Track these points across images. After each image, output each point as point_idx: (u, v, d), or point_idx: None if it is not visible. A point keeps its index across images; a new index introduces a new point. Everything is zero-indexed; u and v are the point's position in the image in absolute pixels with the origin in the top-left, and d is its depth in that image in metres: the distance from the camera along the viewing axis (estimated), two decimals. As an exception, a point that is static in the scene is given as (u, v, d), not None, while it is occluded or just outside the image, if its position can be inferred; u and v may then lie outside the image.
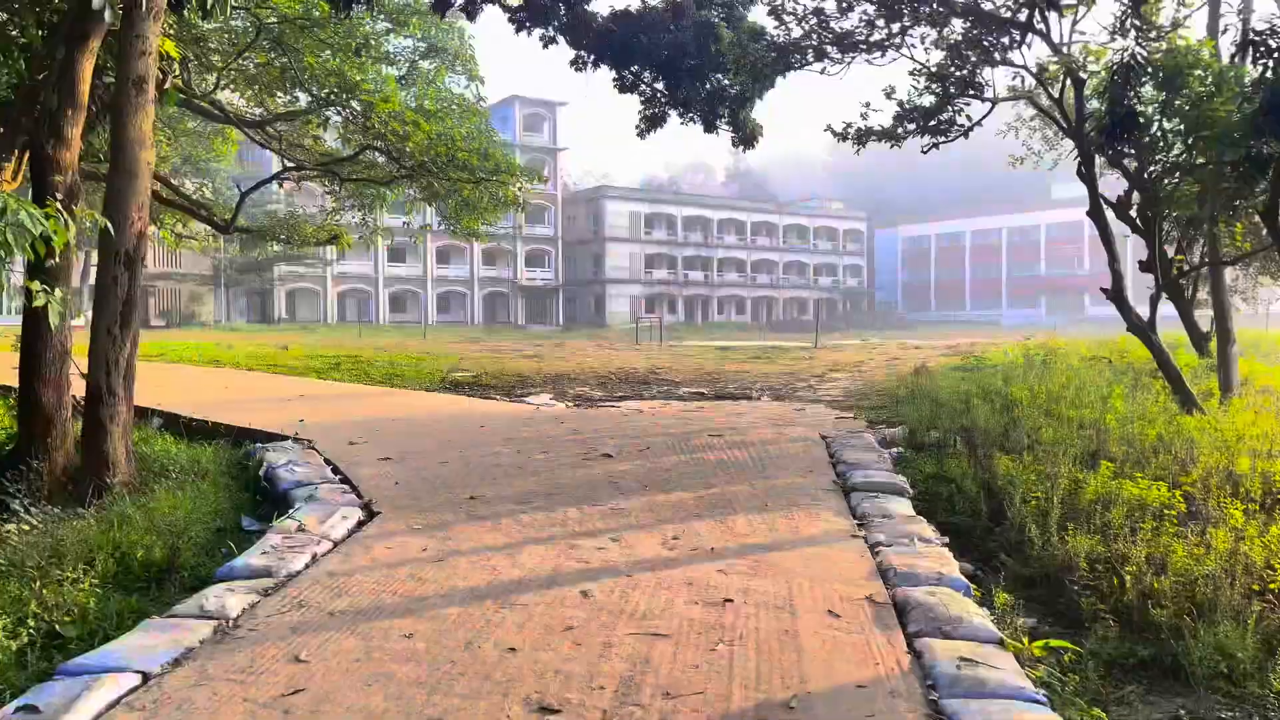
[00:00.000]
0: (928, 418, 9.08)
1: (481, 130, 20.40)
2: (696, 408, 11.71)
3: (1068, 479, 6.76)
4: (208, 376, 14.95)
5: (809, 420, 10.30)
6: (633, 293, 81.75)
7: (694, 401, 12.72)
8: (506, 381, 15.33)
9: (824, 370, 18.33)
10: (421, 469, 7.54)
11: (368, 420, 10.03)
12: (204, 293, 60.50)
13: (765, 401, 12.78)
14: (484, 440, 8.77)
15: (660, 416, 10.55)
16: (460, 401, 12.12)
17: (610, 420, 10.13)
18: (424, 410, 10.90)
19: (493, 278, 76.24)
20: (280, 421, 9.64)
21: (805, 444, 8.42)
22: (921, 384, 11.44)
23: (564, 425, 9.68)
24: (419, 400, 12.11)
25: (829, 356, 24.36)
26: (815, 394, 13.52)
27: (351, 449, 8.34)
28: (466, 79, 21.86)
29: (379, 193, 21.72)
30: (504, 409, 11.25)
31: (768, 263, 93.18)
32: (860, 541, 5.67)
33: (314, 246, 25.42)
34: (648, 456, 7.92)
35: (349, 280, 68.76)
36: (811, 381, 15.63)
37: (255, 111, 20.57)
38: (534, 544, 5.57)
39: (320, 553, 5.50)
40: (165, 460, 7.92)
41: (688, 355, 26.32)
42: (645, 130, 15.54)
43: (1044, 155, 14.78)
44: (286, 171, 19.44)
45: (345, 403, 11.62)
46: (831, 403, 12.26)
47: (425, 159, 16.58)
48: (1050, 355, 15.07)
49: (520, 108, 75.52)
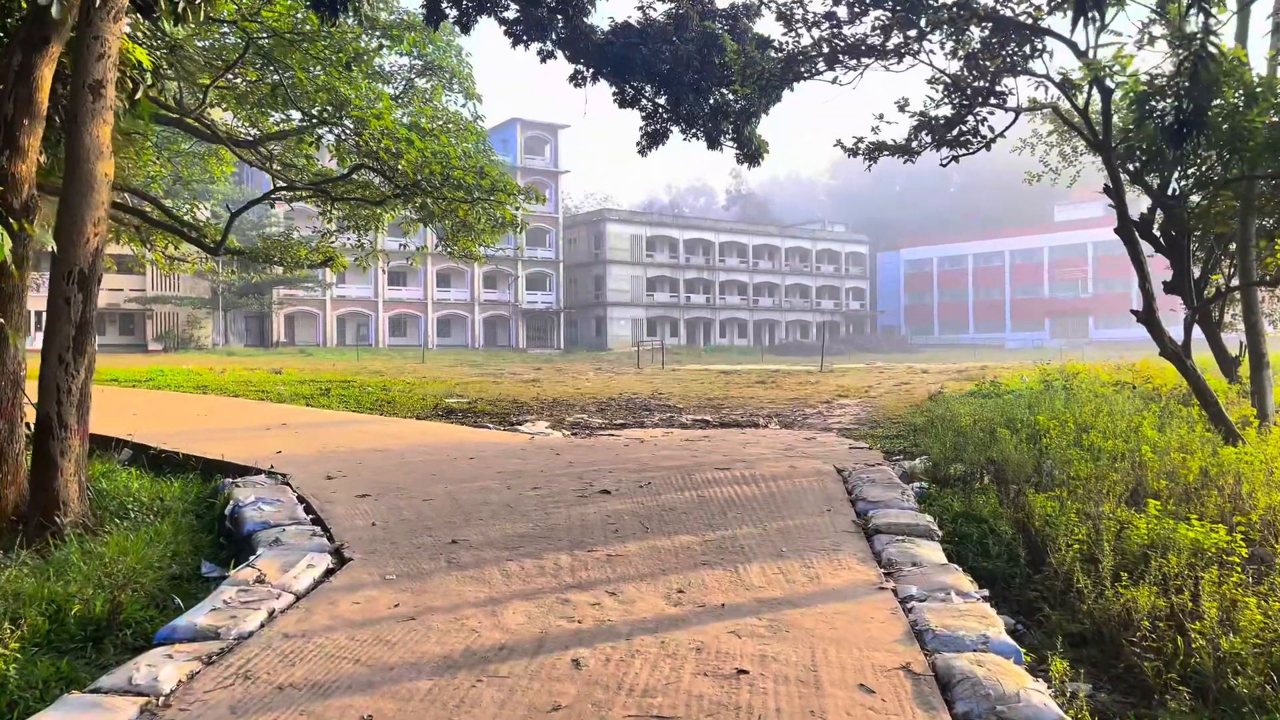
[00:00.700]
0: (950, 449, 8.44)
1: (480, 149, 19.92)
2: (701, 437, 11.08)
3: (1112, 519, 6.13)
4: (190, 403, 14.33)
5: (821, 451, 9.66)
6: (634, 315, 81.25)
7: (698, 430, 12.10)
8: (502, 408, 14.70)
9: (832, 395, 17.70)
10: (402, 508, 6.90)
11: (351, 451, 9.40)
12: (202, 316, 59.99)
13: (773, 430, 12.15)
14: (473, 474, 8.14)
15: (662, 447, 9.91)
16: (452, 431, 11.49)
17: (609, 451, 9.50)
18: (412, 440, 10.27)
19: (493, 301, 75.77)
20: (257, 453, 9.02)
21: (820, 478, 7.78)
22: (939, 412, 10.80)
23: (560, 457, 9.05)
24: (408, 429, 11.48)
25: (835, 381, 23.73)
26: (825, 421, 12.88)
27: (328, 484, 7.70)
28: (464, 97, 21.38)
29: (373, 214, 21.22)
30: (497, 439, 10.62)
31: (770, 285, 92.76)
32: (889, 595, 5.02)
33: (308, 269, 24.93)
34: (649, 493, 7.28)
35: (348, 303, 68.29)
36: (820, 408, 14.99)
37: (249, 131, 20.12)
38: (520, 599, 4.93)
39: (279, 608, 4.86)
40: (125, 497, 7.29)
41: (690, 380, 25.70)
42: (646, 147, 15.01)
43: (1060, 172, 14.22)
44: (277, 191, 18.92)
45: (329, 432, 11.00)
46: (843, 431, 11.63)
47: (419, 178, 16.05)
48: (1070, 380, 14.44)
49: (521, 130, 75.34)
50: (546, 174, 77.71)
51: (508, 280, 76.90)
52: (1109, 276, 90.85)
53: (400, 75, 21.83)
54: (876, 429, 11.66)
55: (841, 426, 12.14)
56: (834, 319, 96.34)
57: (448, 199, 16.42)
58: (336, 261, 22.44)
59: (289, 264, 23.63)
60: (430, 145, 16.39)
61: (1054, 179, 14.01)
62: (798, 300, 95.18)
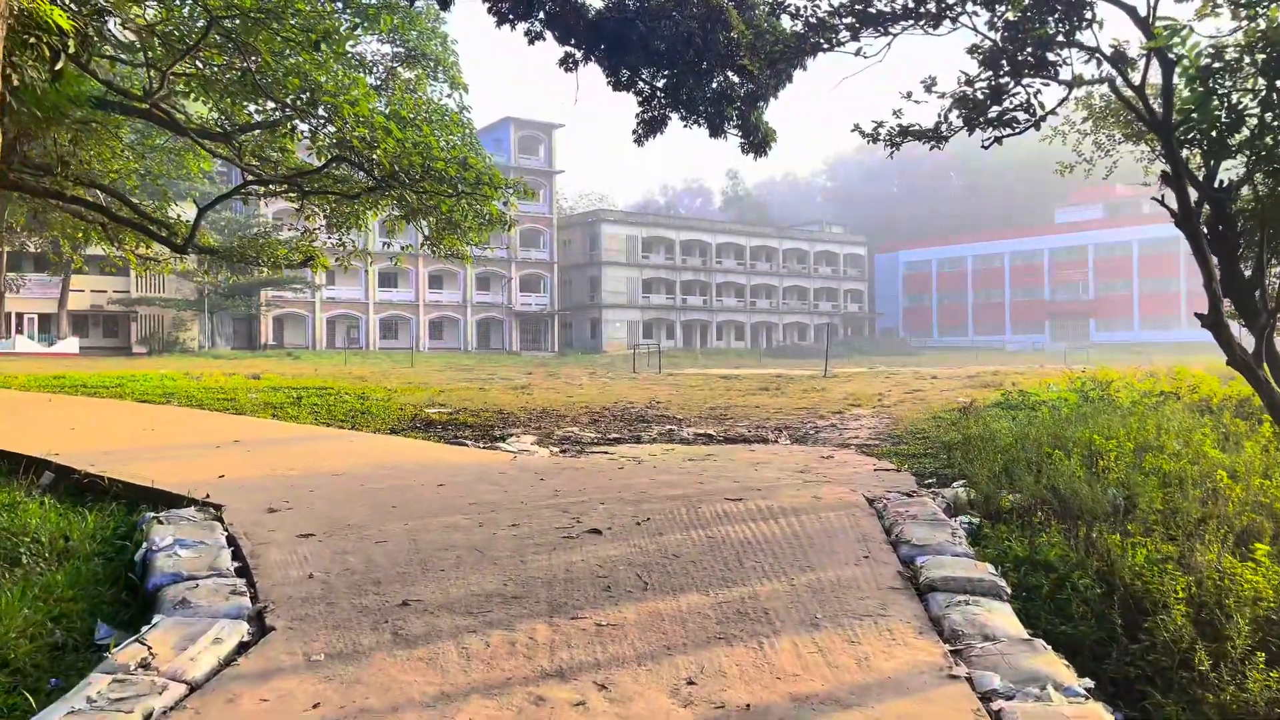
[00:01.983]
0: (999, 475, 7.26)
1: (466, 142, 18.72)
2: (705, 455, 9.90)
3: (1219, 572, 4.96)
4: (142, 415, 13.12)
5: (844, 474, 8.48)
6: (630, 318, 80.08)
7: (701, 446, 10.91)
8: (486, 420, 13.50)
9: (842, 404, 16.52)
10: (349, 553, 5.70)
11: (305, 475, 8.20)
12: (187, 318, 58.71)
13: (785, 445, 10.97)
14: (440, 506, 6.94)
15: (662, 470, 8.72)
16: (425, 449, 10.27)
17: (601, 475, 8.30)
18: (377, 462, 9.06)
19: (487, 303, 74.54)
20: (196, 477, 7.81)
21: (850, 512, 6.59)
22: (974, 429, 9.62)
23: (544, 483, 7.85)
24: (377, 446, 10.27)
25: (842, 387, 22.55)
26: (841, 435, 11.70)
27: (268, 520, 6.50)
28: (449, 87, 20.19)
29: (353, 209, 20.03)
30: (475, 459, 9.41)
31: (767, 287, 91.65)
32: (963, 686, 3.84)
33: (288, 268, 23.75)
34: (648, 533, 6.09)
35: (338, 306, 67.04)
36: (832, 419, 13.82)
37: (223, 124, 18.92)
38: (481, 695, 3.74)
39: (159, 709, 3.67)
40: (20, 538, 6.08)
41: (689, 385, 24.50)
42: (643, 135, 13.83)
43: (1095, 162, 13.05)
44: (248, 185, 17.72)
45: (286, 450, 9.79)
46: (863, 448, 10.45)
47: (396, 169, 14.85)
48: (1104, 389, 13.27)
49: (515, 129, 74.16)
50: (541, 174, 76.51)
51: (501, 282, 75.68)
52: (1109, 279, 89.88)
53: (382, 64, 20.63)
54: (900, 445, 10.47)
55: (860, 442, 10.95)
56: (832, 321, 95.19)
57: (429, 193, 15.22)
58: (318, 261, 21.25)
59: (266, 263, 22.43)
60: (411, 135, 15.21)
61: (1088, 169, 12.89)
62: (795, 302, 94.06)
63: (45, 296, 55.16)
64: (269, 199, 24.64)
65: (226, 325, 62.64)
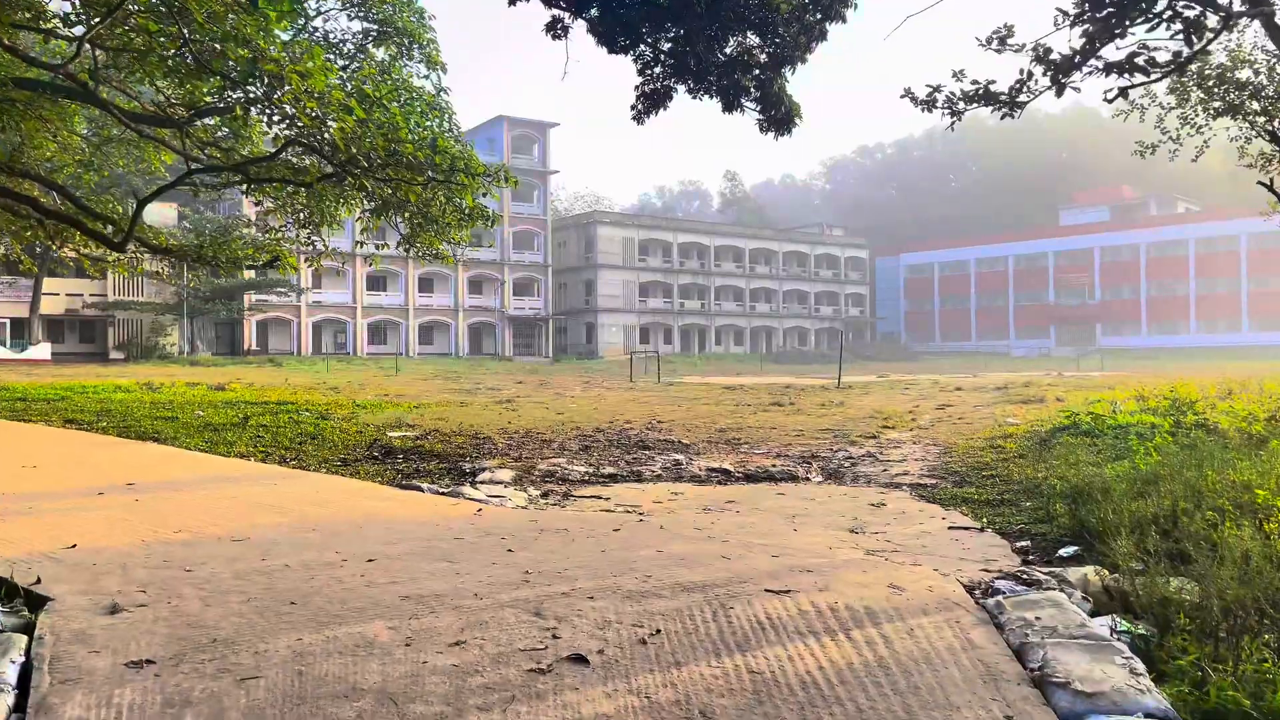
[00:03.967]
0: (1151, 550, 5.20)
1: (445, 129, 16.64)
2: (724, 501, 7.85)
3: None
4: (39, 444, 11.03)
5: (910, 532, 6.44)
6: (626, 322, 78.03)
7: (717, 485, 8.85)
8: (457, 446, 11.42)
9: (870, 424, 14.46)
10: (192, 703, 3.62)
11: (191, 543, 6.11)
12: (167, 323, 56.52)
13: (820, 484, 8.91)
14: (360, 603, 4.87)
15: (672, 529, 6.66)
16: (368, 496, 8.14)
17: (591, 541, 6.22)
18: (299, 519, 6.96)
19: (479, 306, 72.44)
20: (40, 545, 5.75)
21: (952, 618, 4.52)
22: (1071, 473, 7.55)
23: (512, 558, 5.76)
24: (308, 494, 8.15)
25: (861, 401, 20.51)
26: (886, 470, 9.65)
27: (102, 628, 4.43)
28: (425, 67, 18.11)
29: (318, 206, 17.97)
30: (427, 513, 7.31)
31: (767, 291, 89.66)
32: None
33: (252, 269, 21.67)
34: (659, 662, 4.03)
35: (324, 310, 64.90)
36: (866, 445, 11.76)
37: (163, 105, 16.87)
38: None
39: None
40: None
41: (691, 398, 22.44)
42: (644, 112, 11.79)
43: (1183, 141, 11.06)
44: (192, 174, 15.64)
45: (189, 499, 7.70)
46: (920, 489, 8.40)
47: (355, 152, 12.79)
48: (1185, 408, 11.22)
49: (508, 128, 72.11)
50: (535, 174, 74.44)
51: (494, 285, 73.57)
52: (1116, 283, 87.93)
53: (351, 43, 18.57)
54: (964, 487, 8.41)
55: (912, 480, 8.90)
56: (833, 326, 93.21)
57: (393, 181, 13.16)
58: (284, 260, 19.23)
59: (224, 264, 20.40)
60: (378, 115, 13.15)
61: (1175, 151, 10.93)
62: (796, 306, 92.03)
63: (17, 300, 52.94)
64: (253, 198, 22.65)
65: (209, 330, 60.43)
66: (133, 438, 12.09)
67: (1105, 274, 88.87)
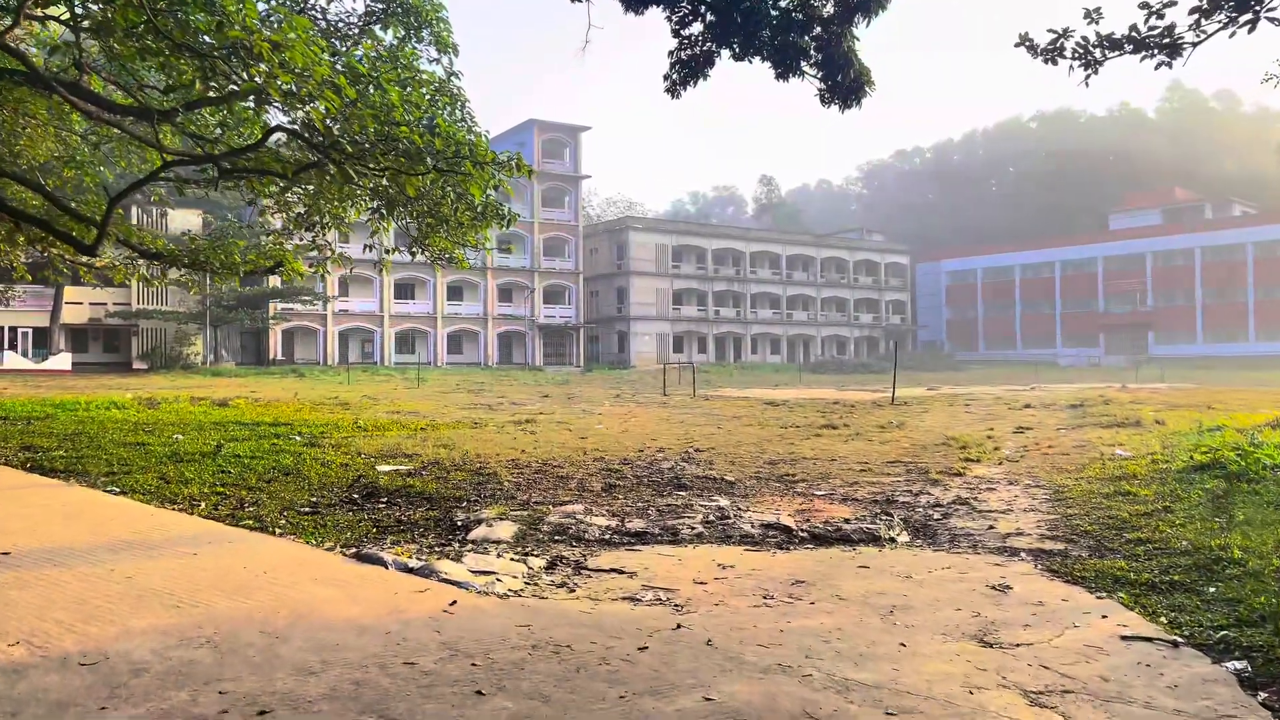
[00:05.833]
0: None
1: (459, 120, 14.74)
2: (788, 580, 5.84)
3: None
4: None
5: (1069, 647, 4.43)
6: (659, 330, 76.00)
7: (776, 550, 6.83)
8: (455, 484, 9.48)
9: (947, 453, 12.33)
10: None
11: (16, 673, 4.20)
12: (191, 332, 55.34)
13: (910, 550, 6.85)
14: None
15: (723, 643, 4.64)
16: (308, 578, 6.05)
17: (604, 673, 4.19)
18: (198, 620, 4.93)
19: (508, 315, 70.76)
20: None
21: None
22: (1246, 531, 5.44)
23: (480, 709, 3.77)
24: (230, 572, 6.06)
25: (922, 421, 18.34)
26: (987, 522, 7.57)
27: None
28: (435, 49, 16.25)
29: (315, 204, 16.22)
30: (379, 610, 5.23)
31: (804, 298, 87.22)
32: None
33: (249, 274, 19.95)
34: None
35: (351, 318, 63.56)
36: (952, 484, 9.67)
37: (134, 91, 15.21)
38: None
39: None
40: None
41: (731, 416, 20.39)
42: (679, 84, 9.83)
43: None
44: (168, 166, 13.91)
45: (66, 582, 5.76)
46: (1043, 556, 6.34)
47: (340, 135, 10.94)
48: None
49: (539, 132, 70.47)
50: (566, 179, 72.77)
51: (524, 293, 71.89)
52: (1169, 289, 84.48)
53: (356, 24, 16.78)
54: (1105, 555, 6.30)
55: (1032, 544, 6.80)
56: (873, 334, 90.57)
57: (387, 169, 11.28)
58: (288, 265, 17.51)
59: (221, 270, 18.68)
60: (375, 98, 11.30)
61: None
62: (834, 314, 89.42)
63: (40, 309, 52.02)
64: (244, 197, 21.01)
65: (234, 339, 59.22)
66: (80, 470, 10.29)
67: (1157, 279, 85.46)
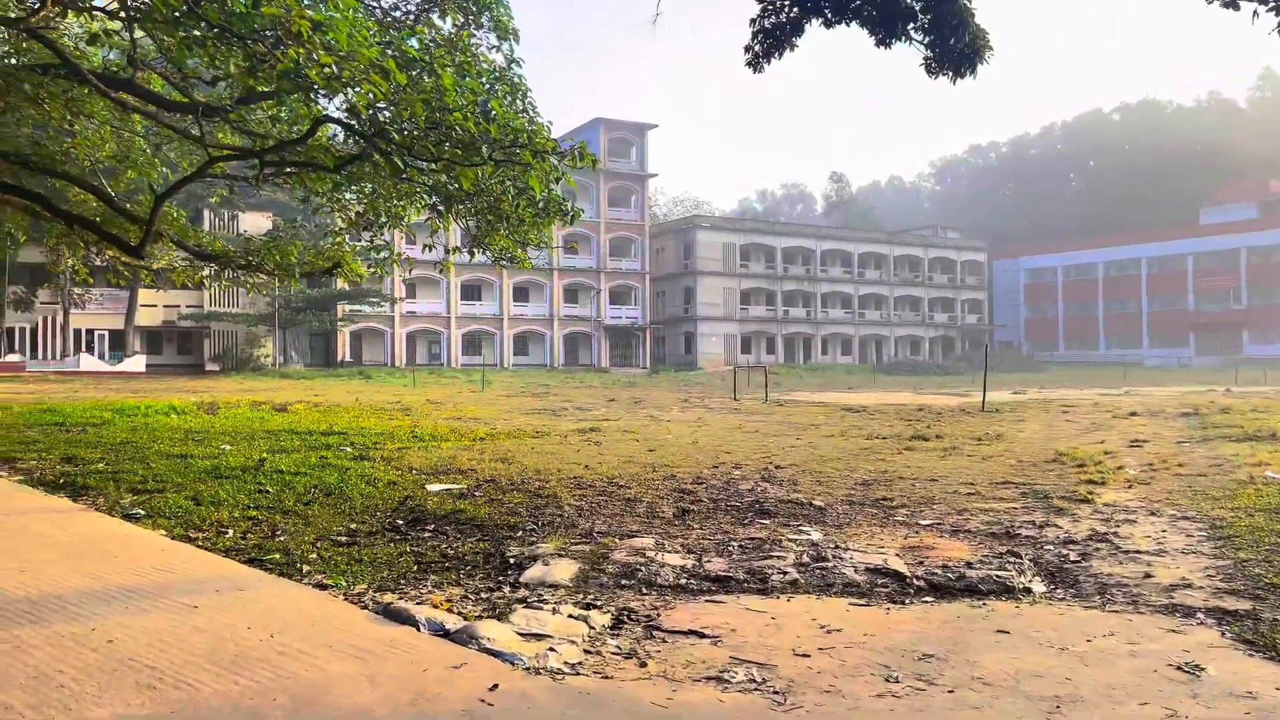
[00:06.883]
0: None
1: (523, 111, 13.77)
2: (916, 653, 4.67)
3: None
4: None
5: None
6: (727, 331, 74.66)
7: (890, 605, 5.65)
8: (511, 507, 8.47)
9: (1062, 472, 10.96)
10: None
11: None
12: (261, 334, 55.79)
13: (1051, 603, 5.61)
14: None
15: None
16: (322, 644, 4.94)
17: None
18: (180, 706, 4.05)
19: (574, 316, 70.16)
20: None
21: None
22: None
23: None
24: (233, 633, 4.98)
25: (1022, 430, 16.88)
26: (1140, 566, 6.28)
27: None
28: (495, 36, 15.32)
29: (371, 203, 15.47)
30: (400, 697, 4.27)
31: (876, 297, 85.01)
32: None
33: (308, 275, 19.31)
34: None
35: (418, 320, 63.57)
36: (1082, 514, 8.34)
37: (183, 87, 14.59)
38: None
39: None
40: None
41: (809, 424, 19.12)
42: (762, 56, 8.72)
43: None
44: (214, 162, 13.21)
45: (27, 654, 4.87)
46: (1225, 617, 5.08)
47: (386, 124, 10.04)
48: None
49: (605, 131, 69.71)
50: (632, 177, 71.93)
51: (589, 294, 71.21)
52: (1266, 286, 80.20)
53: (412, 10, 15.96)
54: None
55: (1206, 601, 5.51)
56: (948, 334, 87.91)
57: (440, 160, 10.34)
58: (346, 266, 16.86)
59: (276, 271, 18.07)
60: (428, 83, 10.38)
61: None
62: (908, 313, 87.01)
63: (116, 312, 52.87)
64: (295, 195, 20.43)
65: (303, 341, 59.60)
66: (108, 490, 9.55)
67: (1253, 276, 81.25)
